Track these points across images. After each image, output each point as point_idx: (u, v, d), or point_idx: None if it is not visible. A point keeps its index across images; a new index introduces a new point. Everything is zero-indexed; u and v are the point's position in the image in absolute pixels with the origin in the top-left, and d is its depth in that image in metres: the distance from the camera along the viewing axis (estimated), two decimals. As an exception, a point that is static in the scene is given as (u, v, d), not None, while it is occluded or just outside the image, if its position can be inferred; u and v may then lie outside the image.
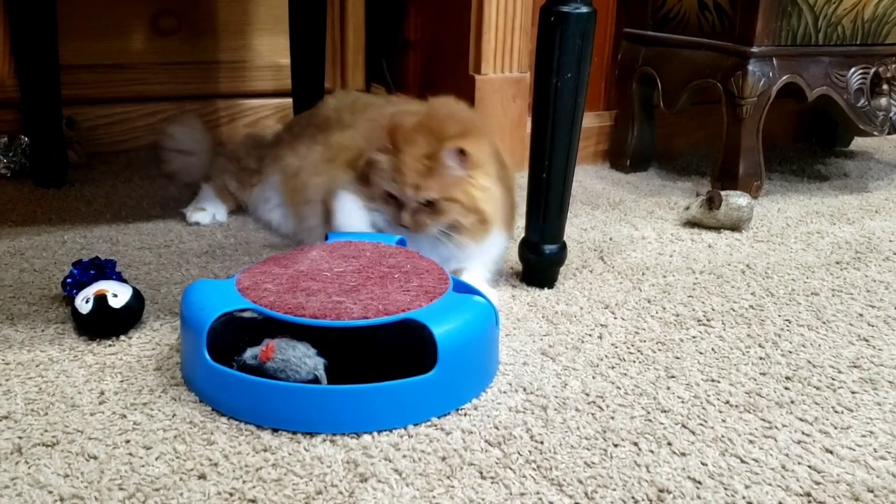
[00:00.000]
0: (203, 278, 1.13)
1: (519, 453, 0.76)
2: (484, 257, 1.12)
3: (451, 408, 0.83)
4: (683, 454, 0.77)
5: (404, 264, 0.94)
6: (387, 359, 0.87)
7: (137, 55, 1.73)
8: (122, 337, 0.96)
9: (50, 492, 0.69)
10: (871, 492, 0.73)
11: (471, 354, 0.84)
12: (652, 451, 0.77)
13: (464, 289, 0.94)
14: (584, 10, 1.03)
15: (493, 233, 1.10)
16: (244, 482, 0.71)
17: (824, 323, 1.07)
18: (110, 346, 0.94)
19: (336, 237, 1.05)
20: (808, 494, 0.72)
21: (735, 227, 1.42)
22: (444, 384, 0.81)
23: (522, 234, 1.15)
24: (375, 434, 0.78)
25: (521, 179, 1.66)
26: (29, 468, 0.72)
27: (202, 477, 0.71)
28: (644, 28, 1.73)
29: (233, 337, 0.88)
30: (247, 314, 0.86)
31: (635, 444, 0.78)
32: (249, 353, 0.81)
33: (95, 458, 0.74)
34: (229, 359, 0.82)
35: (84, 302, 0.94)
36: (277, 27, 1.79)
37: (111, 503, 0.68)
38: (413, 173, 1.04)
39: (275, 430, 0.78)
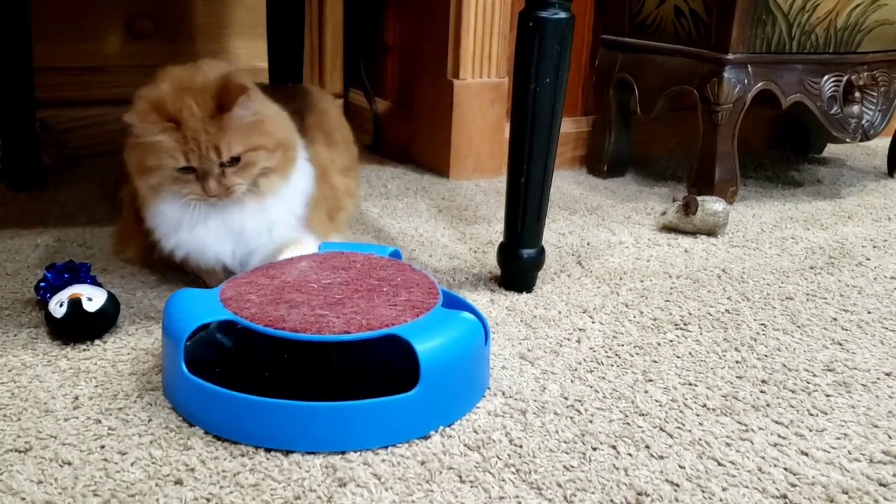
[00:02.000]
0: (179, 283, 1.12)
1: (498, 457, 0.76)
2: (294, 195, 1.07)
3: (435, 427, 0.80)
4: (661, 457, 0.78)
5: (394, 277, 0.92)
6: (377, 375, 0.86)
7: (113, 58, 1.71)
8: (97, 341, 0.94)
9: (23, 498, 0.68)
10: (846, 493, 0.73)
11: (456, 373, 0.82)
12: (630, 455, 0.78)
13: (454, 304, 0.92)
14: (563, 15, 1.04)
15: (298, 157, 1.07)
16: (221, 487, 0.70)
17: (799, 327, 1.08)
18: (85, 350, 0.93)
19: (328, 247, 1.03)
20: (785, 496, 0.73)
21: (711, 232, 1.43)
22: (427, 403, 0.79)
23: (501, 239, 1.16)
24: (354, 438, 0.78)
25: (500, 184, 1.67)
26: (1, 474, 0.71)
27: (178, 482, 0.71)
28: (621, 34, 1.74)
29: (214, 350, 0.88)
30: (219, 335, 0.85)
31: (614, 447, 0.79)
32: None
33: (70, 463, 0.73)
34: (212, 371, 0.81)
35: (58, 306, 0.93)
36: (255, 31, 1.78)
37: (85, 509, 0.67)
38: (207, 137, 0.97)
39: (252, 435, 0.78)
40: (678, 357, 0.98)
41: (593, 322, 1.07)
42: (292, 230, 1.08)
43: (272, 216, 1.06)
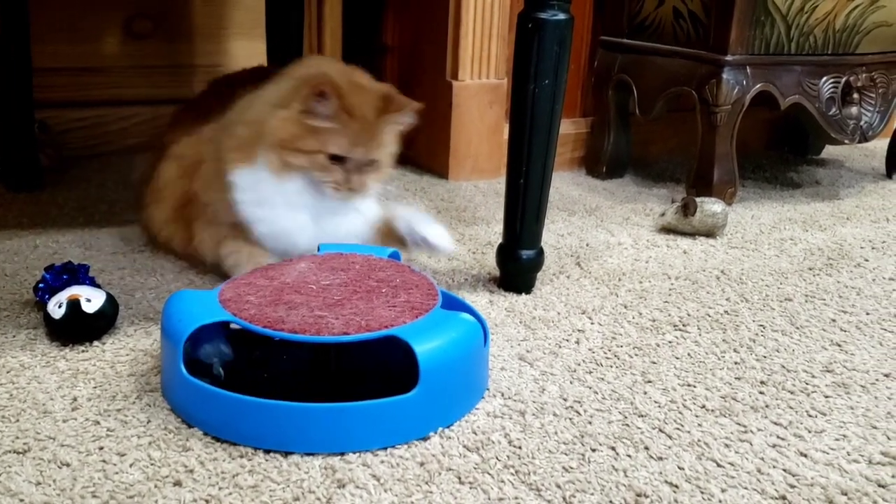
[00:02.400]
0: (177, 284, 1.12)
1: (497, 458, 0.76)
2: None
3: (434, 428, 0.80)
4: (660, 458, 0.77)
5: (394, 278, 0.92)
6: (376, 376, 0.85)
7: (111, 58, 1.71)
8: (96, 342, 0.94)
9: (21, 500, 0.68)
10: (845, 494, 0.73)
11: (455, 374, 0.81)
12: (629, 456, 0.78)
13: (453, 305, 0.91)
14: (562, 16, 1.04)
15: None
16: (220, 489, 0.70)
17: (798, 328, 1.08)
18: (83, 351, 0.93)
19: (327, 248, 1.03)
20: (784, 498, 0.73)
21: (710, 233, 1.43)
22: (426, 404, 0.78)
23: (500, 240, 1.16)
24: (353, 440, 0.78)
25: (499, 185, 1.67)
26: (-1, 476, 0.71)
27: (177, 484, 0.71)
28: (620, 36, 1.75)
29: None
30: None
31: (613, 448, 0.79)
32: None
33: (68, 465, 0.72)
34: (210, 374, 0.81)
35: (56, 307, 0.93)
36: (254, 31, 1.78)
37: (84, 511, 0.67)
38: (370, 135, 1.06)
39: (251, 436, 0.78)
40: (677, 358, 0.98)
41: (592, 323, 1.07)
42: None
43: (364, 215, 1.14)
